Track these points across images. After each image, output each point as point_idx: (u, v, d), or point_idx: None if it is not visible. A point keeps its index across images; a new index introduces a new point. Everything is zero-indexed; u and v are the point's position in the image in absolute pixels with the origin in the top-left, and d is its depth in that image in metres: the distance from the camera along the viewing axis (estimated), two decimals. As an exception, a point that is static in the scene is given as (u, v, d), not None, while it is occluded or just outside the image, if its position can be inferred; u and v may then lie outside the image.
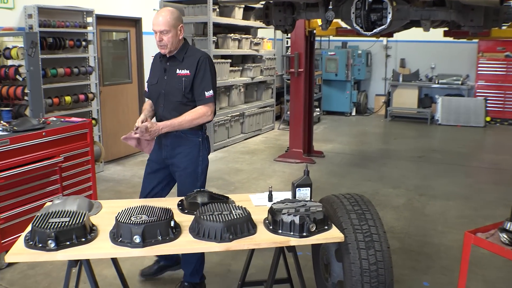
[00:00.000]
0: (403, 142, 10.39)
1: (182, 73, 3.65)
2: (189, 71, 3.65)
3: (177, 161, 3.77)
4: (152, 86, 3.82)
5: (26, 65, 5.81)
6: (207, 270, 4.29)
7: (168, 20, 3.52)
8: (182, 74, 3.65)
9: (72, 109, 7.25)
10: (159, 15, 3.54)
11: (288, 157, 8.52)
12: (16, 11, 6.69)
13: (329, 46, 14.48)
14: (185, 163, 3.76)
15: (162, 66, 3.75)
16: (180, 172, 3.79)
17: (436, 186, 7.06)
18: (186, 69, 3.66)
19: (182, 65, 3.67)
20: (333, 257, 3.27)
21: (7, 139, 4.31)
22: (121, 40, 8.70)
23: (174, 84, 3.66)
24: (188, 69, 3.65)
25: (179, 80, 3.65)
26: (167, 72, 3.71)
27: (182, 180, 3.81)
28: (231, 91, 10.27)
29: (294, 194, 3.15)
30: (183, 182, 3.81)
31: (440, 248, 4.94)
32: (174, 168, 3.82)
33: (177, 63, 3.69)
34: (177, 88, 3.65)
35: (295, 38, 8.45)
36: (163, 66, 3.75)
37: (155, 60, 3.89)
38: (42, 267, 4.44)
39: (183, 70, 3.66)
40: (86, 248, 2.61)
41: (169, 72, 3.70)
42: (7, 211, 4.37)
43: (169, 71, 3.71)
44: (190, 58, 3.69)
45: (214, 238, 2.66)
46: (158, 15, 3.55)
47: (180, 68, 3.66)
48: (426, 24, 3.96)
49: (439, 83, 12.70)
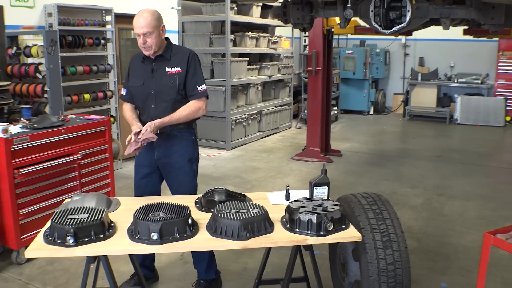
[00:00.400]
0: (421, 141, 10.31)
1: (173, 71, 3.63)
2: (180, 68, 3.63)
3: (173, 161, 3.73)
4: (137, 88, 3.71)
5: (46, 63, 5.86)
6: (224, 268, 4.31)
7: (150, 22, 3.46)
8: (173, 72, 3.63)
9: (91, 106, 7.30)
10: (140, 17, 3.47)
11: (305, 155, 8.50)
12: (36, 9, 6.76)
13: (347, 45, 14.42)
14: (182, 161, 3.74)
15: (148, 66, 3.67)
16: (177, 171, 3.75)
17: (454, 186, 7.00)
18: (176, 66, 3.63)
19: (171, 63, 3.64)
20: (350, 257, 3.25)
21: (27, 136, 4.37)
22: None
23: (165, 82, 3.62)
24: (178, 66, 3.64)
25: (171, 78, 3.62)
26: (155, 72, 3.65)
27: (179, 179, 3.78)
28: (249, 90, 10.28)
29: (311, 193, 3.14)
30: (181, 181, 3.78)
31: (458, 248, 4.89)
32: (168, 168, 3.77)
33: (165, 62, 3.65)
34: (169, 86, 3.62)
35: (313, 37, 8.42)
36: (148, 67, 3.66)
37: (135, 62, 3.79)
38: (61, 262, 4.48)
39: (173, 68, 3.63)
40: (104, 245, 2.63)
41: (157, 72, 3.65)
42: (27, 207, 4.42)
43: (157, 70, 3.65)
44: (178, 56, 3.68)
45: (231, 236, 2.67)
46: (139, 18, 3.48)
47: (169, 66, 3.63)
48: (446, 22, 3.91)
49: (458, 82, 12.56)
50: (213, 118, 9.43)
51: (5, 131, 4.23)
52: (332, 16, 4.69)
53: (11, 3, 6.44)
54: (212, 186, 3.42)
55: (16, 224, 4.33)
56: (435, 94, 12.84)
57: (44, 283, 4.17)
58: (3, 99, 5.54)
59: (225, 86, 9.15)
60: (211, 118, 9.44)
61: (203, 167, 7.79)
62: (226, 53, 9.12)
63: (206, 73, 9.43)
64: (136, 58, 3.79)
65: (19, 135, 4.35)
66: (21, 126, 4.64)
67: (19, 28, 6.50)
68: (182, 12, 9.60)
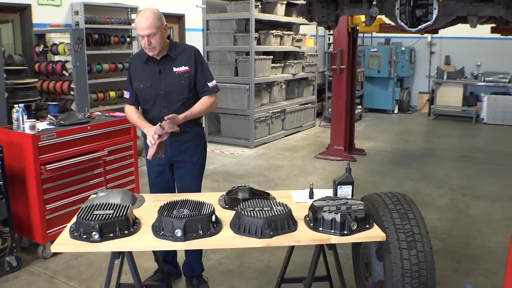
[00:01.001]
0: (447, 141, 10.18)
1: (181, 70, 3.57)
2: (187, 67, 3.58)
3: (187, 156, 3.73)
4: (144, 89, 3.62)
5: (73, 61, 5.95)
6: (247, 265, 4.32)
7: (154, 22, 3.37)
8: (181, 71, 3.57)
9: (116, 104, 7.38)
10: (142, 18, 3.37)
11: (328, 154, 8.46)
12: (63, 8, 6.86)
13: (371, 43, 14.30)
14: (196, 157, 3.75)
15: (153, 67, 3.59)
16: (190, 166, 3.75)
17: (480, 186, 6.89)
18: (183, 65, 3.58)
19: (177, 63, 3.58)
20: (374, 256, 3.23)
21: (53, 132, 4.43)
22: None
23: (175, 82, 3.57)
24: (186, 65, 3.58)
25: (180, 77, 3.57)
26: (162, 72, 3.57)
27: (191, 174, 3.78)
28: (273, 88, 10.27)
29: (335, 192, 3.12)
30: (191, 176, 3.79)
31: (484, 250, 4.82)
32: (181, 164, 3.76)
33: (171, 62, 3.58)
34: (180, 86, 3.57)
35: (337, 35, 8.37)
36: (155, 68, 3.58)
37: (137, 63, 3.69)
38: (86, 257, 4.54)
39: (180, 67, 3.57)
40: (129, 241, 2.66)
41: (164, 72, 3.57)
42: (53, 203, 4.48)
43: (164, 71, 3.57)
44: (183, 54, 3.62)
45: (255, 234, 2.67)
46: (142, 18, 3.38)
47: (176, 66, 3.57)
48: (473, 20, 3.86)
49: (485, 81, 12.36)
50: (237, 116, 9.45)
51: (33, 127, 4.31)
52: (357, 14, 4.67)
53: (38, 2, 6.54)
54: (235, 184, 3.43)
55: (42, 219, 4.40)
56: (461, 93, 12.66)
57: (69, 277, 4.22)
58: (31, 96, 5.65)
59: (249, 84, 9.15)
60: (235, 116, 9.47)
61: (226, 165, 7.85)
62: (250, 51, 9.12)
63: (230, 71, 9.48)
64: (137, 59, 3.71)
65: (46, 131, 4.42)
66: (48, 122, 4.72)
67: (47, 26, 6.61)
68: (207, 10, 9.63)
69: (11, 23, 6.67)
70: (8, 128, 4.50)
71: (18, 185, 4.41)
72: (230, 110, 9.50)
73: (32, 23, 6.49)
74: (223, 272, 4.32)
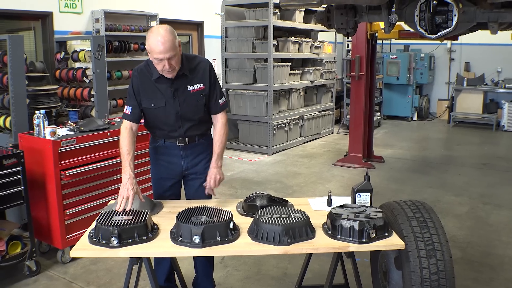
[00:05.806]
0: (467, 148, 10.08)
1: (196, 89, 3.35)
2: (203, 84, 3.37)
3: (200, 168, 3.57)
4: (158, 109, 3.35)
5: (93, 68, 6.00)
6: (264, 272, 4.31)
7: (172, 43, 3.07)
8: (196, 90, 3.35)
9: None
10: (159, 39, 3.04)
11: (347, 161, 8.42)
12: (84, 15, 6.94)
13: (390, 49, 14.25)
14: (207, 167, 3.54)
15: (167, 86, 3.30)
16: (202, 177, 3.55)
17: (501, 194, 6.81)
18: (198, 83, 3.36)
19: (191, 80, 3.34)
20: (393, 265, 3.20)
21: (73, 138, 4.48)
22: (183, 44, 8.86)
23: (191, 102, 3.36)
24: (201, 83, 3.37)
25: (196, 97, 3.36)
26: (176, 92, 3.32)
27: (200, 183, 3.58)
28: (291, 95, 10.27)
29: (354, 200, 3.10)
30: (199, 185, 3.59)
31: (504, 259, 4.76)
32: (195, 176, 3.59)
33: (185, 79, 3.33)
34: (196, 105, 3.38)
35: (356, 41, 8.35)
36: (168, 87, 3.30)
37: (145, 79, 3.35)
38: (104, 263, 4.57)
39: (195, 85, 3.35)
40: (147, 246, 2.67)
41: (179, 92, 3.32)
42: (72, 208, 4.53)
43: (178, 90, 3.32)
44: (197, 70, 3.37)
45: (273, 241, 2.66)
46: (158, 40, 3.04)
47: (190, 84, 3.34)
48: (494, 26, 3.82)
49: (505, 87, 12.21)
50: (255, 123, 9.46)
51: (53, 133, 4.37)
52: (376, 20, 4.64)
53: (60, 9, 6.63)
54: (253, 191, 3.43)
55: (62, 224, 4.45)
56: (481, 100, 12.53)
57: (88, 282, 4.26)
58: (52, 102, 5.70)
59: (267, 91, 9.16)
60: (253, 123, 9.48)
61: (244, 172, 7.85)
62: (268, 58, 9.14)
63: (249, 78, 9.52)
64: (144, 75, 3.36)
65: (67, 137, 4.47)
66: (68, 128, 4.78)
67: (68, 33, 6.70)
68: (226, 18, 9.69)
69: (33, 30, 6.77)
70: (29, 134, 4.57)
71: (39, 190, 4.47)
72: (248, 117, 9.52)
73: (54, 30, 6.57)
74: (240, 279, 4.32)
